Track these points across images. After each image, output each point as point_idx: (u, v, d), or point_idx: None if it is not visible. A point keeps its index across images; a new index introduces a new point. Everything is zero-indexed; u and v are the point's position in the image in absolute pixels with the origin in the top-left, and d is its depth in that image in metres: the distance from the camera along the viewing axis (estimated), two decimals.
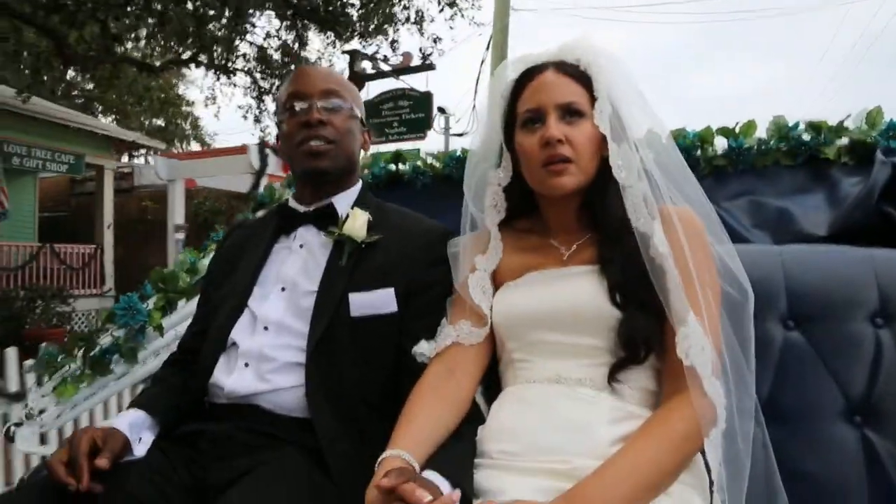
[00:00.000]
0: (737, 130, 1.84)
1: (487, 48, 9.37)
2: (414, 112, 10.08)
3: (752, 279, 1.11)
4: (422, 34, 10.03)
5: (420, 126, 10.29)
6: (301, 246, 1.34)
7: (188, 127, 20.05)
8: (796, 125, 1.76)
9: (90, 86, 15.43)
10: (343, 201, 1.36)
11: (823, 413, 1.24)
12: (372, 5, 9.50)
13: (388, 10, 9.69)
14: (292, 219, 1.37)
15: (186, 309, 2.00)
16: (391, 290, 1.25)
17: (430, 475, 0.94)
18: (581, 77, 1.14)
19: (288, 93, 1.36)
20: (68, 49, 8.31)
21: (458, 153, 2.08)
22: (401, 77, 10.79)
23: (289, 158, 1.38)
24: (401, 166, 2.18)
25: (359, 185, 1.42)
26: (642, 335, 1.04)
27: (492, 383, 1.20)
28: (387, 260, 1.28)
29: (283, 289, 1.30)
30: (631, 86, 1.15)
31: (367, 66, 10.85)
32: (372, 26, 9.87)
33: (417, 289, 1.26)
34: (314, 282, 1.27)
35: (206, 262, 2.04)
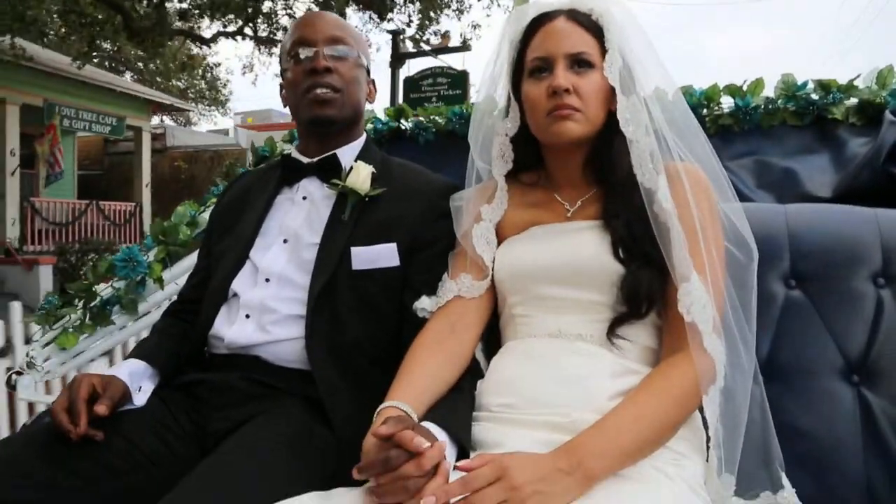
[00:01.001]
0: (744, 89, 1.81)
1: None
2: (451, 89, 10.66)
3: (756, 238, 1.11)
4: (459, 19, 11.70)
5: (457, 102, 10.73)
6: (304, 198, 1.33)
7: (206, 87, 20.55)
8: (805, 84, 1.74)
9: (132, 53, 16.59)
10: (347, 153, 1.34)
11: (821, 371, 1.24)
12: None
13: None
14: (296, 170, 1.35)
15: (187, 262, 1.99)
16: (393, 245, 1.24)
17: (428, 425, 0.94)
18: (592, 27, 1.11)
19: (293, 40, 1.31)
20: (134, 23, 9.57)
21: (459, 109, 2.04)
22: (439, 56, 11.92)
23: (293, 107, 1.34)
24: (403, 121, 2.16)
25: (363, 137, 1.40)
26: (645, 290, 1.03)
27: (492, 338, 1.21)
28: (390, 214, 1.26)
29: (285, 241, 1.29)
30: (642, 39, 1.12)
31: (408, 45, 12.09)
32: (415, 10, 11.38)
33: (421, 244, 1.25)
34: (317, 234, 1.26)
35: (206, 215, 2.03)
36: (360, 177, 1.27)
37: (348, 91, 1.30)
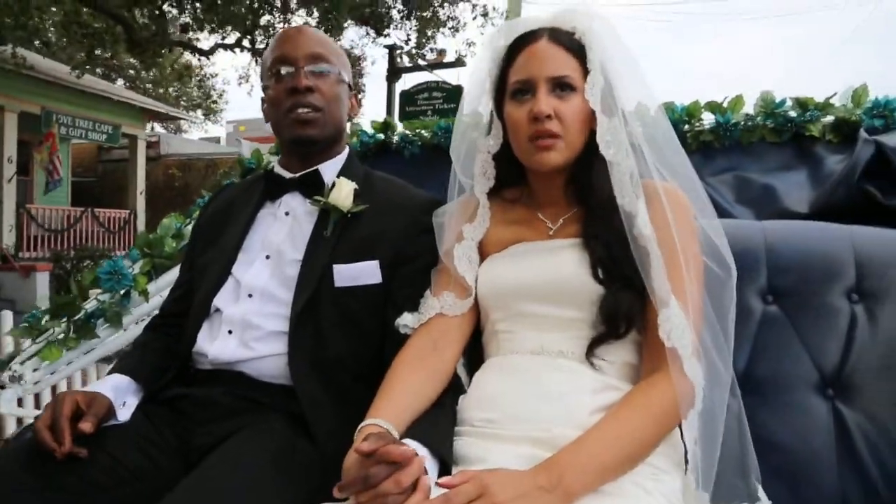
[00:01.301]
0: (724, 105, 1.84)
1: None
2: (447, 103, 10.73)
3: (734, 253, 1.12)
4: (454, 36, 12.24)
5: (452, 115, 11.03)
6: (286, 213, 1.33)
7: (202, 96, 20.65)
8: (783, 101, 1.77)
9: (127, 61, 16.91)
10: (329, 169, 1.35)
11: (797, 385, 1.27)
12: (414, 11, 11.42)
13: (428, 16, 11.82)
14: (278, 185, 1.35)
15: (172, 274, 1.99)
16: (376, 263, 1.24)
17: (409, 442, 0.95)
18: (575, 46, 1.10)
19: (274, 56, 1.31)
20: (134, 34, 9.81)
21: (445, 123, 2.06)
22: (434, 71, 12.28)
23: (275, 124, 1.34)
24: (389, 135, 2.17)
25: (346, 152, 1.40)
26: (624, 311, 1.04)
27: (474, 354, 1.21)
28: (372, 230, 1.27)
29: (267, 256, 1.30)
30: (625, 55, 1.12)
31: (405, 59, 12.58)
32: (413, 27, 11.98)
33: (403, 259, 1.26)
34: (299, 250, 1.27)
35: (191, 227, 2.02)
36: (343, 193, 1.27)
37: (329, 110, 1.30)
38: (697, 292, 1.05)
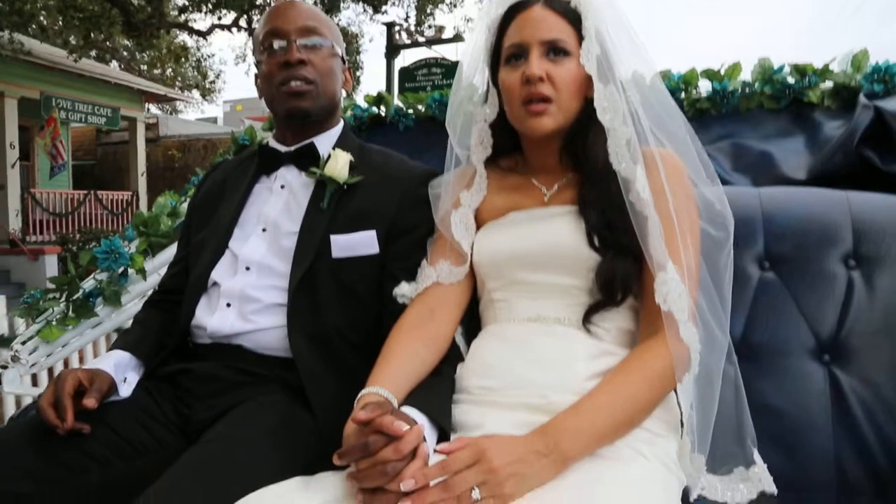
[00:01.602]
0: (722, 73, 1.83)
1: None
2: (445, 79, 10.80)
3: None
4: (451, 12, 12.56)
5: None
6: (282, 186, 1.33)
7: (199, 77, 20.60)
8: (781, 68, 1.76)
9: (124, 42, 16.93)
10: (324, 141, 1.34)
11: (794, 351, 1.27)
12: None
13: None
14: (273, 159, 1.35)
15: (168, 252, 1.99)
16: (373, 233, 1.24)
17: (408, 410, 0.95)
18: (570, 14, 1.10)
19: (265, 30, 1.30)
20: (132, 17, 9.92)
21: (439, 95, 2.05)
22: (433, 47, 12.37)
23: (268, 99, 1.34)
24: (383, 108, 2.16)
25: (340, 125, 1.40)
26: (620, 278, 1.04)
27: (472, 322, 1.22)
28: (368, 201, 1.27)
29: (264, 229, 1.30)
30: (622, 23, 1.12)
31: (403, 36, 12.61)
32: (411, 4, 12.02)
33: (400, 230, 1.26)
34: (295, 222, 1.27)
35: (186, 206, 2.02)
36: (339, 165, 1.27)
37: (322, 83, 1.29)
38: (694, 257, 1.05)
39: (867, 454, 1.19)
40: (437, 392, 1.06)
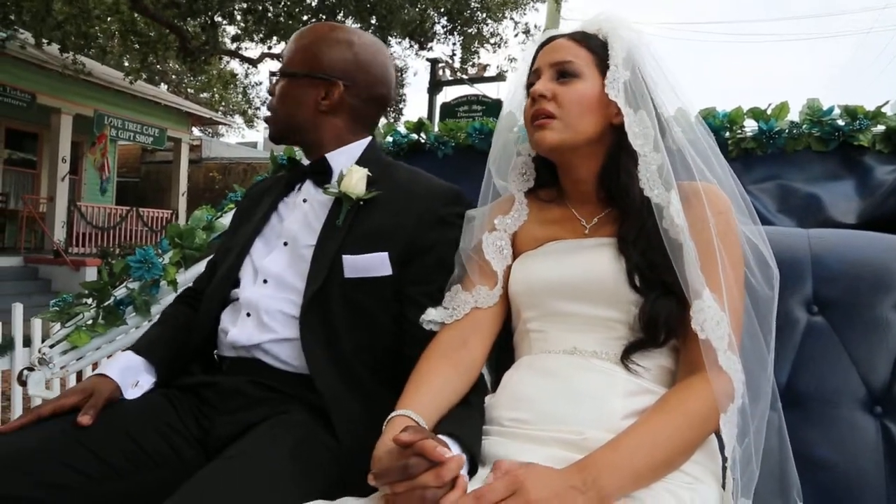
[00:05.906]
0: (768, 112, 1.79)
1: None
2: (486, 115, 11.09)
3: (777, 261, 1.08)
4: (496, 52, 13.08)
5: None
6: (304, 200, 1.33)
7: (243, 103, 21.54)
8: (831, 109, 1.71)
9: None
10: (340, 158, 1.33)
11: (843, 401, 1.21)
12: (459, 27, 12.04)
13: (473, 33, 12.40)
14: (298, 173, 1.38)
15: (201, 265, 2.00)
16: (385, 255, 1.21)
17: (443, 438, 0.91)
18: (592, 42, 1.13)
19: None
20: (188, 43, 10.42)
21: (479, 124, 2.04)
22: (475, 84, 12.92)
23: None
24: (423, 135, 2.16)
25: (362, 141, 1.37)
26: (664, 319, 1.01)
27: (500, 354, 1.19)
28: (385, 218, 1.24)
29: (285, 243, 1.30)
30: (656, 60, 1.13)
31: (446, 72, 13.29)
32: (457, 42, 12.52)
33: (417, 249, 1.22)
34: (314, 237, 1.26)
35: (222, 220, 2.04)
36: (353, 180, 1.25)
37: (278, 110, 1.37)
38: (737, 293, 1.01)
39: None
40: (469, 422, 1.02)
